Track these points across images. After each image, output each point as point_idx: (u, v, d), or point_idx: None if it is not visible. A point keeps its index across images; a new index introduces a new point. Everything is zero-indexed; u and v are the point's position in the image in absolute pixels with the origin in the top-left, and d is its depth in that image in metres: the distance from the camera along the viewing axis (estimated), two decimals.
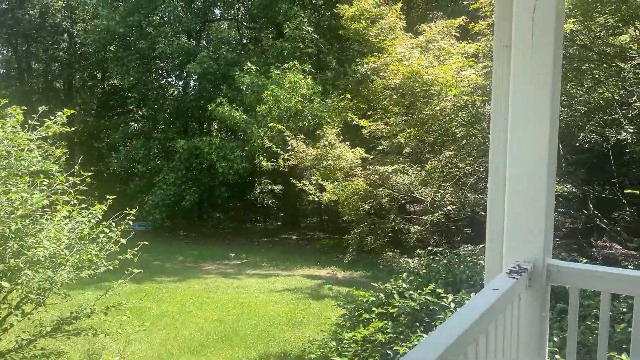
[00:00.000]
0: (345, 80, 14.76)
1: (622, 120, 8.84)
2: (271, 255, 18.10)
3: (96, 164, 22.84)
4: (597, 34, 5.86)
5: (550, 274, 2.20)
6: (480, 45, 6.70)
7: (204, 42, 24.48)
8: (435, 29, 7.62)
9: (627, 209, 8.35)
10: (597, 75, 7.53)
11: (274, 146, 10.94)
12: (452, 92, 6.84)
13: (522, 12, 2.12)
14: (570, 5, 5.51)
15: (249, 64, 17.60)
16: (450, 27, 7.60)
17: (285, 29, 18.22)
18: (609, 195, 8.67)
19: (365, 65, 7.91)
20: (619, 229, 8.29)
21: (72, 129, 5.64)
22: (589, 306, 4.37)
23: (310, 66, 17.41)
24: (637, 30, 5.85)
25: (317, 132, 10.82)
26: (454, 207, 8.23)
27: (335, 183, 8.69)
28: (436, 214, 8.42)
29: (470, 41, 7.22)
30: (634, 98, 8.44)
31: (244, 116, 17.06)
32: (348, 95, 12.02)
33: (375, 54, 7.75)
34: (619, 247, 9.31)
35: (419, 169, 9.24)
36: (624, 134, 8.81)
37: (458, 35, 7.29)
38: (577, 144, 8.92)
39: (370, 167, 8.85)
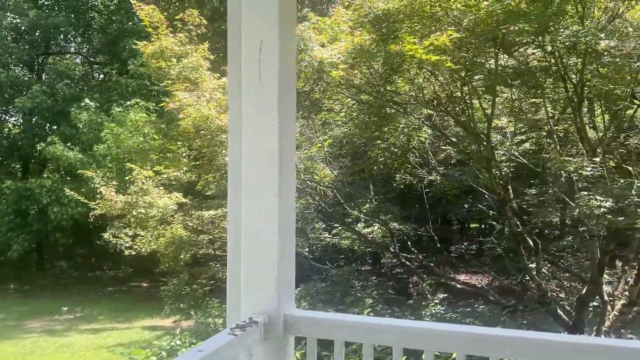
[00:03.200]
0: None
1: (433, 162, 9.48)
2: (112, 306, 16.68)
3: None
4: (376, 82, 6.19)
5: (287, 324, 2.10)
6: None
7: (45, 75, 22.62)
8: None
9: (438, 244, 8.85)
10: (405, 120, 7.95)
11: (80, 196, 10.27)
12: None
13: (249, 53, 1.99)
14: (352, 54, 5.76)
15: (87, 100, 16.48)
16: None
17: (130, 65, 17.43)
18: (423, 232, 9.14)
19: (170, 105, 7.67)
20: (431, 264, 8.75)
21: None
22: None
23: (155, 104, 16.73)
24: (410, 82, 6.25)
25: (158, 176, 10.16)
26: None
27: (151, 232, 8.18)
28: None
29: None
30: (440, 142, 9.08)
31: (80, 156, 15.81)
32: (155, 137, 11.63)
33: (178, 93, 7.52)
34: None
35: None
36: (434, 174, 9.44)
37: None
38: (395, 184, 9.34)
39: (193, 212, 8.46)
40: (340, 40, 5.95)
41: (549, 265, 9.06)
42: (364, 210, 9.04)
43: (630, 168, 7.44)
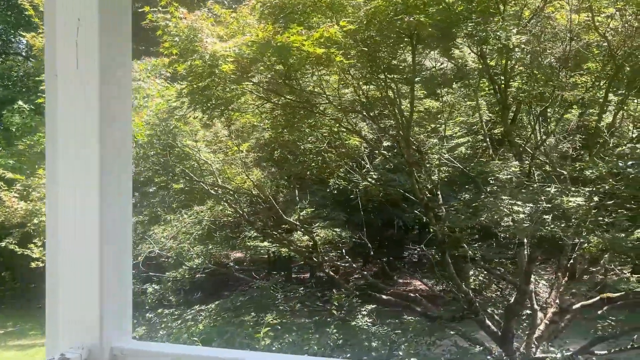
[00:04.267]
0: None
1: (369, 167, 9.13)
2: None
3: None
4: (281, 80, 5.77)
5: (116, 359, 1.64)
6: (185, 86, 6.27)
7: None
8: (139, 67, 7.04)
9: (371, 252, 8.49)
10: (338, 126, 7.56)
11: None
12: (142, 138, 6.31)
13: (65, 34, 1.60)
14: (252, 48, 5.33)
15: (20, 103, 15.61)
16: (162, 67, 7.10)
17: None
18: (358, 240, 8.77)
19: None
20: (365, 272, 8.36)
21: None
22: None
23: None
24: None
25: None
26: (199, 260, 7.62)
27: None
28: (180, 270, 7.71)
29: (179, 82, 6.80)
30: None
31: (11, 161, 14.93)
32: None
33: None
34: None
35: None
36: (370, 180, 9.08)
37: (169, 74, 6.84)
38: (328, 190, 8.95)
39: None
40: (244, 34, 5.53)
41: (485, 273, 8.80)
42: (300, 217, 8.62)
43: (564, 172, 7.23)
